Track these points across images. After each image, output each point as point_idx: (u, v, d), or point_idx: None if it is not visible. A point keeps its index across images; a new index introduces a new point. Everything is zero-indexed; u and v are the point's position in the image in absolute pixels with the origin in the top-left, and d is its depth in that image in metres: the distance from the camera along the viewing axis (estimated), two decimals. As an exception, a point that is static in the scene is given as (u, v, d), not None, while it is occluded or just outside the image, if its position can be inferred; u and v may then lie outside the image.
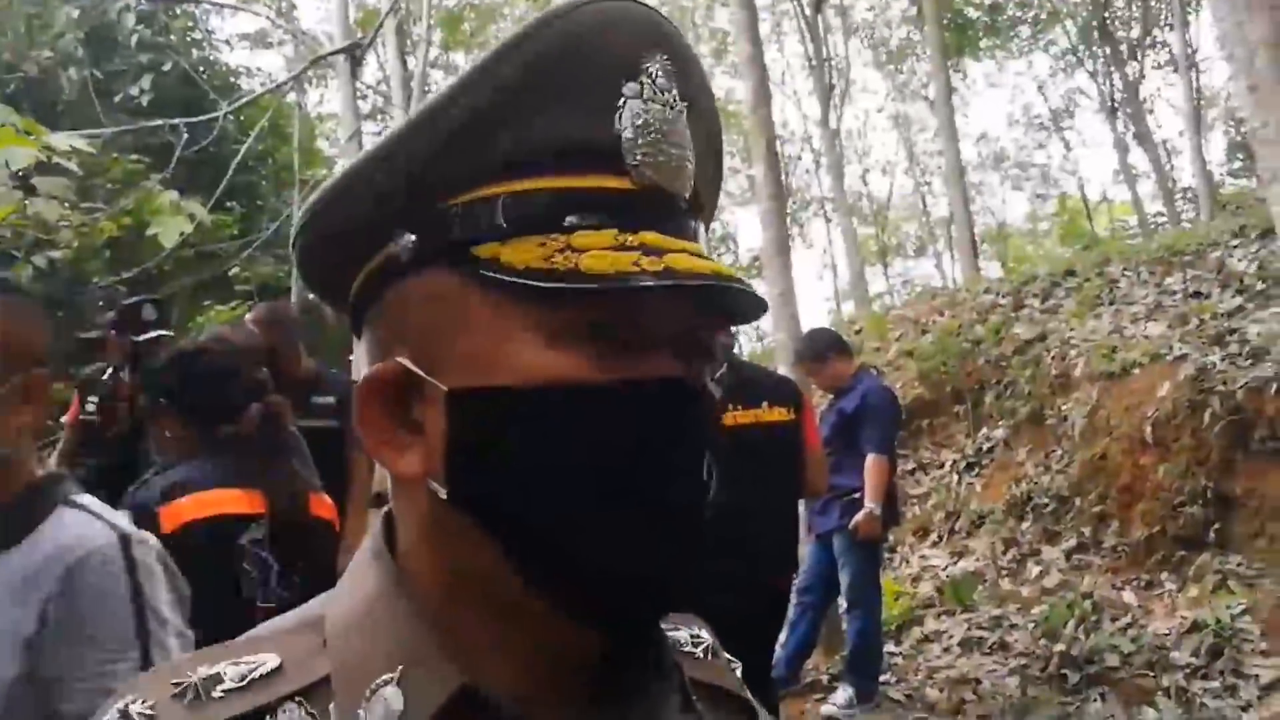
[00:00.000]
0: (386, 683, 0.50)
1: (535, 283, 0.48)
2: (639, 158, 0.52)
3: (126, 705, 0.49)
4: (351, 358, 6.12)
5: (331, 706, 0.50)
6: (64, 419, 4.20)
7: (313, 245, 0.57)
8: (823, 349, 5.00)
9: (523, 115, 0.51)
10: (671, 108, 0.54)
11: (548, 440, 0.49)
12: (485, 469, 0.50)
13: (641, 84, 0.53)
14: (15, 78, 8.31)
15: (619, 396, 0.50)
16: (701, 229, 0.58)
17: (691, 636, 0.68)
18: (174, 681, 0.50)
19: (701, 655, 0.66)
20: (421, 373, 0.52)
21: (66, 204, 5.30)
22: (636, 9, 0.54)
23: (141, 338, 3.85)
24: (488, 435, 0.50)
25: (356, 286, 0.56)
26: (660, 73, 0.54)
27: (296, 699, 0.50)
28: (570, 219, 0.50)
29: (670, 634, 0.66)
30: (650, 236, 0.51)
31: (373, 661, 0.51)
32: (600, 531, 0.50)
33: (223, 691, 0.50)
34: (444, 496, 0.51)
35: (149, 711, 0.49)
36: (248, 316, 3.95)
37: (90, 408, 3.86)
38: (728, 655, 0.70)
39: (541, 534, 0.50)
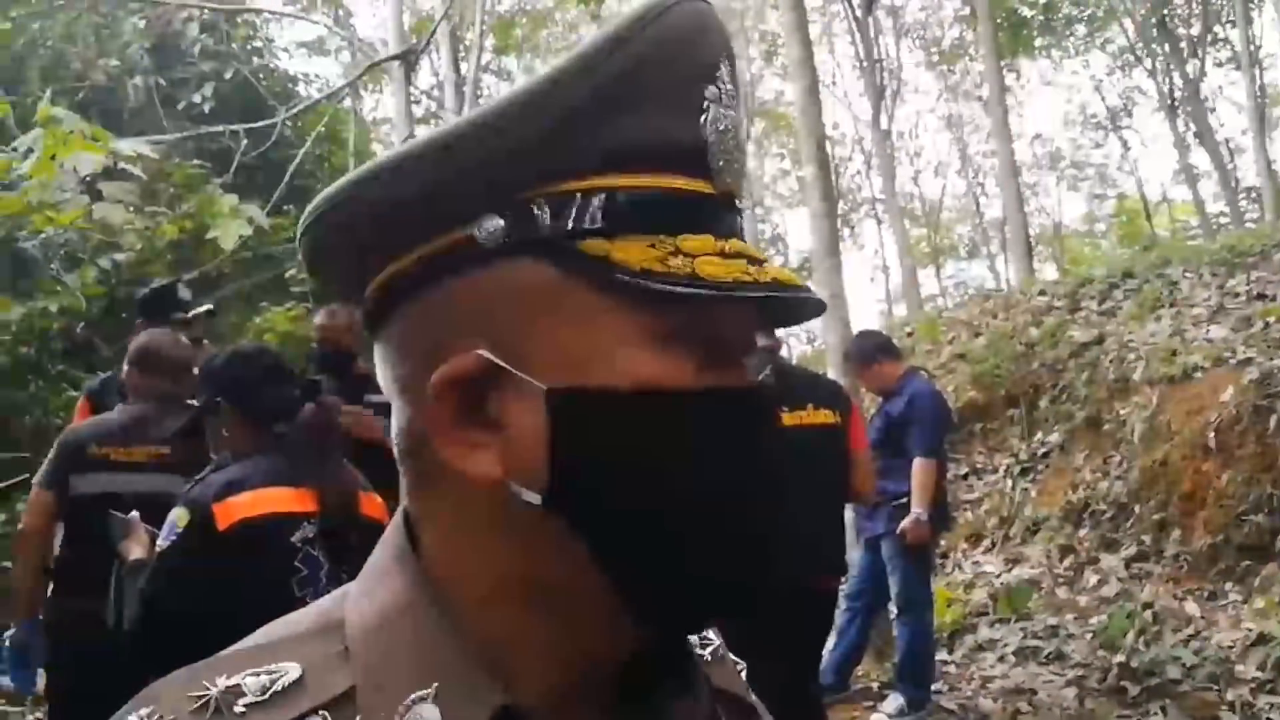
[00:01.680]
0: (421, 699, 0.48)
1: (660, 285, 0.47)
2: (721, 163, 0.53)
3: (141, 719, 0.48)
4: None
5: None
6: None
7: (348, 225, 0.53)
8: (871, 351, 4.97)
9: (624, 110, 0.50)
10: (736, 112, 0.55)
11: (660, 443, 0.49)
12: (591, 472, 0.49)
13: (719, 88, 0.53)
14: (84, 86, 8.54)
15: (725, 402, 0.51)
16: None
17: (700, 639, 0.66)
18: (193, 694, 0.48)
19: (710, 658, 0.65)
20: (510, 367, 0.49)
21: (131, 208, 5.44)
22: (713, 12, 0.54)
23: (190, 314, 3.92)
24: (597, 437, 0.49)
25: (396, 271, 0.52)
26: (728, 78, 0.54)
27: (320, 713, 0.48)
28: (673, 221, 0.50)
29: None
30: (738, 244, 0.51)
31: (402, 674, 0.49)
32: (705, 536, 0.50)
33: (245, 706, 0.47)
34: (535, 500, 0.49)
35: None
36: (317, 318, 3.97)
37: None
38: (734, 658, 0.68)
39: (643, 538, 0.49)
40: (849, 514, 4.73)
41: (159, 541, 2.03)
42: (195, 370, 3.05)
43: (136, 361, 3.20)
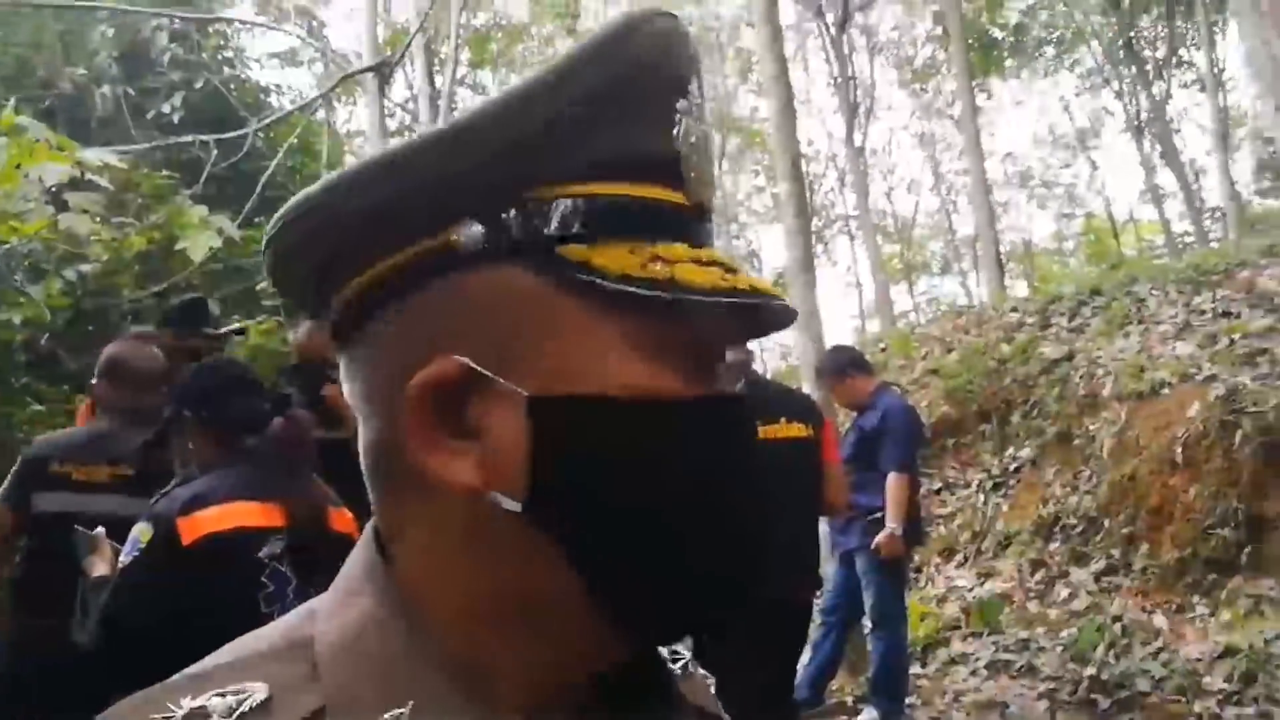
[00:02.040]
0: (395, 719, 0.46)
1: (641, 291, 0.47)
2: (693, 174, 0.53)
3: None
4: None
5: None
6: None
7: (318, 233, 0.52)
8: (843, 366, 4.99)
9: (601, 123, 0.51)
10: (704, 125, 0.55)
11: (643, 452, 0.49)
12: (573, 480, 0.48)
13: (690, 101, 0.54)
14: (50, 94, 8.44)
15: (707, 411, 0.51)
16: None
17: (670, 652, 0.65)
18: (155, 716, 0.46)
19: (680, 672, 0.64)
20: (491, 375, 0.48)
21: (97, 218, 5.37)
22: (685, 29, 0.54)
23: (221, 331, 3.80)
24: (579, 445, 0.48)
25: (369, 279, 0.51)
26: (697, 92, 0.55)
27: None
28: (650, 229, 0.50)
29: None
30: (712, 252, 0.52)
31: (373, 694, 0.47)
32: (688, 545, 0.50)
33: None
34: (514, 508, 0.48)
35: None
36: (296, 335, 3.87)
37: None
38: (703, 671, 0.67)
39: (625, 547, 0.49)
40: (823, 528, 4.74)
41: (122, 557, 1.99)
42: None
43: (105, 373, 3.08)
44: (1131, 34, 19.73)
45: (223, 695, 0.47)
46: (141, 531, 1.92)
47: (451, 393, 0.49)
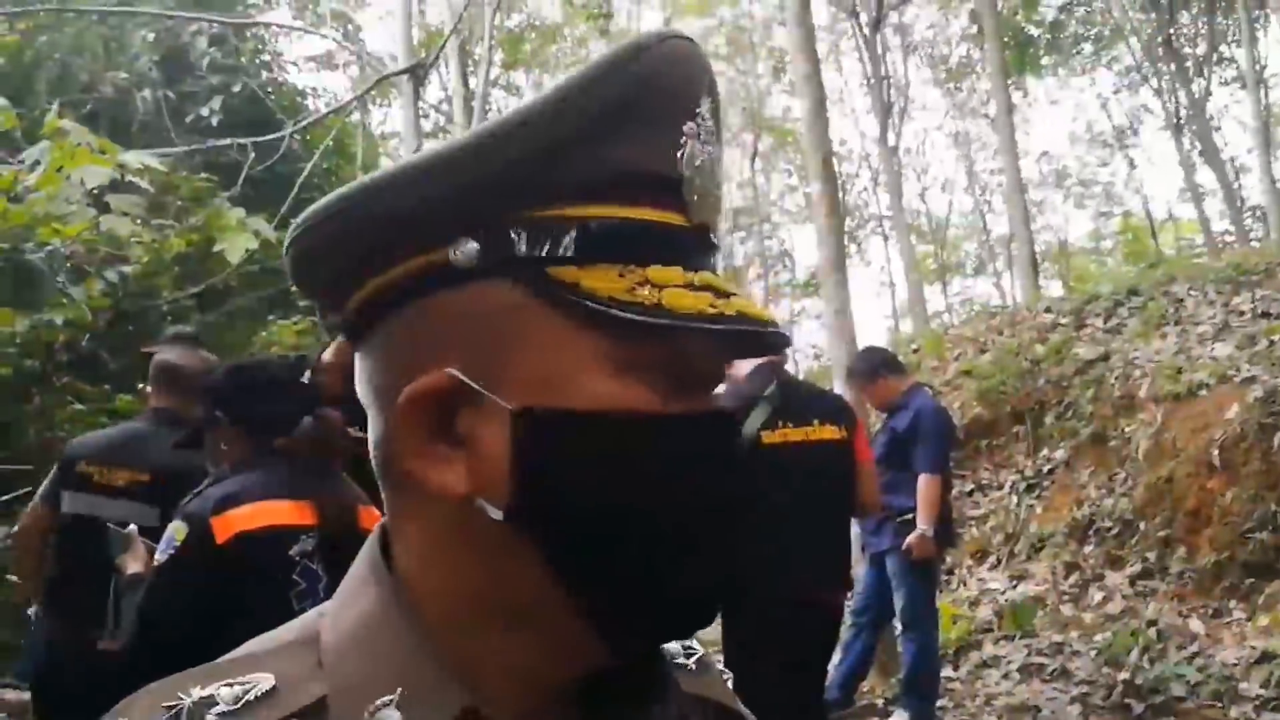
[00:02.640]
0: (385, 705, 0.49)
1: (626, 314, 0.49)
2: (696, 197, 0.54)
3: None
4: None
5: None
6: None
7: (337, 238, 0.55)
8: (875, 366, 4.98)
9: (603, 144, 0.52)
10: (715, 147, 0.56)
11: (619, 466, 0.50)
12: (552, 490, 0.50)
13: (698, 124, 0.55)
14: (92, 98, 8.58)
15: (683, 428, 0.52)
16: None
17: (684, 648, 0.67)
18: (166, 704, 0.49)
19: (694, 667, 0.66)
20: (478, 387, 0.50)
21: (138, 220, 5.46)
22: (697, 51, 0.55)
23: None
24: (558, 457, 0.50)
25: (378, 287, 0.54)
26: (709, 114, 0.56)
27: None
28: (644, 252, 0.52)
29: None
30: (708, 276, 0.53)
31: (371, 683, 0.50)
32: (663, 555, 0.52)
33: (216, 715, 0.48)
34: (498, 515, 0.50)
35: None
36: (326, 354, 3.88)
37: None
38: (720, 667, 0.69)
39: (601, 556, 0.51)
40: (854, 530, 4.72)
41: (157, 556, 2.03)
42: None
43: (152, 378, 3.15)
44: (1171, 30, 19.41)
45: (230, 685, 0.50)
46: (176, 530, 1.96)
47: (443, 402, 0.51)
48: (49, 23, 8.77)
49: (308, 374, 2.26)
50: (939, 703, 4.93)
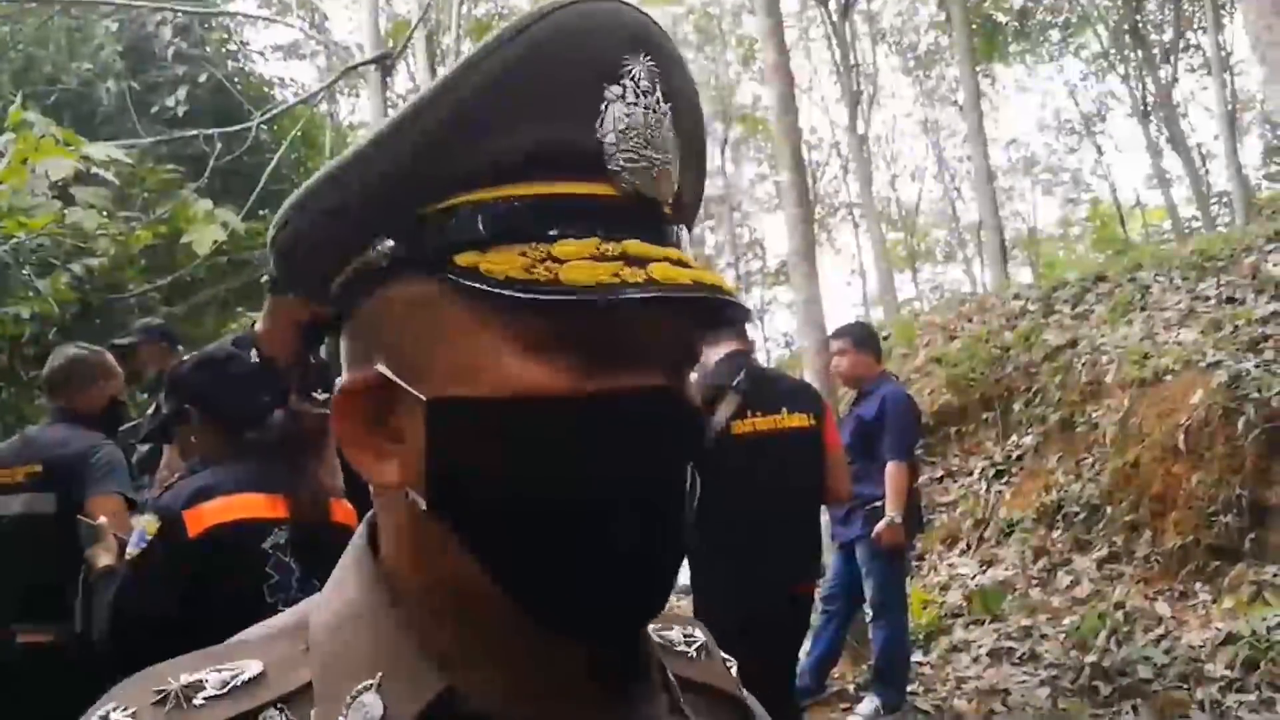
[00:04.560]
0: (366, 689, 0.49)
1: (514, 293, 0.47)
2: (622, 163, 0.52)
3: (108, 713, 0.49)
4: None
5: (313, 713, 0.50)
6: None
7: (292, 246, 0.56)
8: (866, 338, 5.07)
9: (502, 121, 0.50)
10: (654, 110, 0.53)
11: (527, 451, 0.49)
12: (464, 479, 0.50)
13: (624, 86, 0.52)
14: (56, 90, 8.46)
15: (598, 407, 0.50)
16: (685, 234, 0.57)
17: (684, 635, 0.67)
18: (155, 689, 0.50)
19: (695, 655, 0.66)
20: (400, 381, 0.51)
21: (104, 213, 5.40)
22: (615, 9, 0.52)
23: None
24: (467, 445, 0.50)
25: (335, 291, 0.56)
26: (644, 75, 0.53)
27: (278, 706, 0.50)
28: (553, 228, 0.50)
29: (661, 634, 0.66)
30: (633, 245, 0.50)
31: (354, 667, 0.51)
32: (580, 542, 0.50)
33: (204, 699, 0.49)
34: (423, 506, 0.51)
35: None
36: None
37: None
38: (724, 655, 0.69)
39: (520, 546, 0.50)
40: (823, 518, 4.76)
41: (128, 549, 2.02)
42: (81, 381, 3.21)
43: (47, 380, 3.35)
44: (1138, 17, 19.62)
45: (218, 671, 0.51)
46: (148, 524, 1.95)
47: (376, 397, 0.52)
48: (10, 14, 8.62)
49: (253, 351, 2.25)
50: (909, 687, 4.98)
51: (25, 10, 8.55)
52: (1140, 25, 19.78)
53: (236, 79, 10.19)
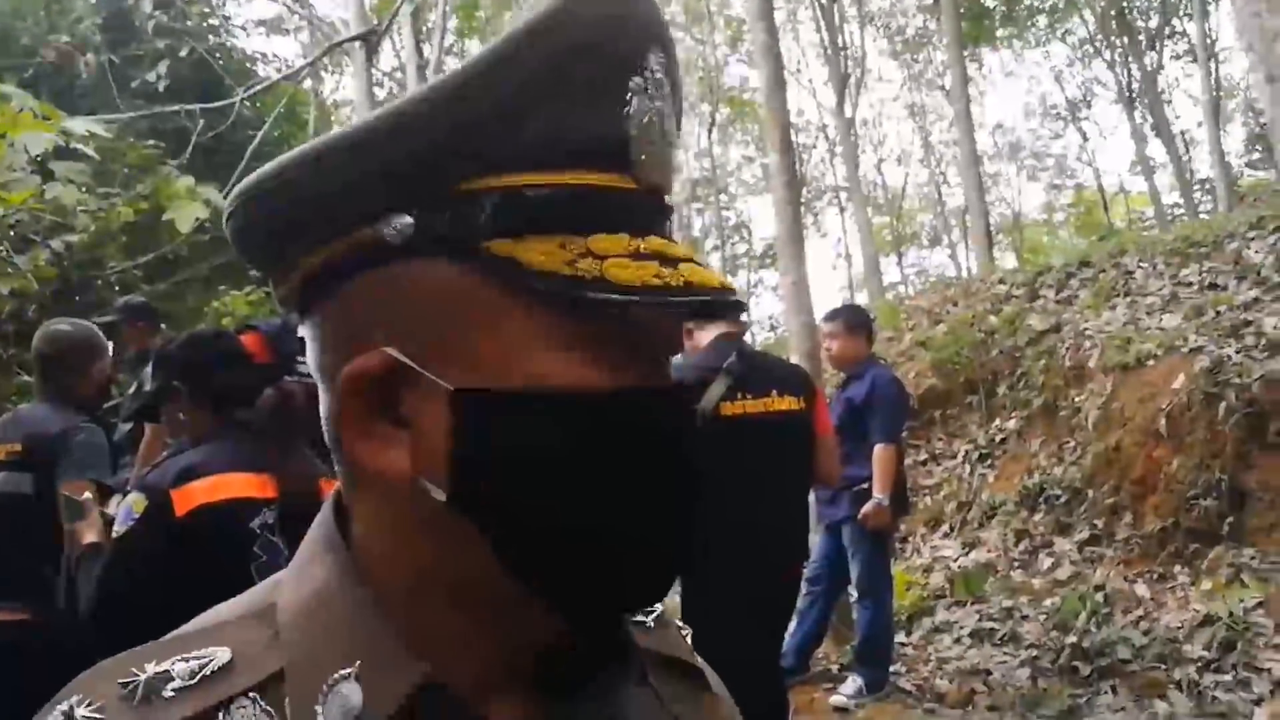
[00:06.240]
0: (344, 678, 0.48)
1: (566, 290, 0.47)
2: (644, 156, 0.52)
3: (71, 707, 0.47)
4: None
5: (286, 702, 0.48)
6: None
7: (263, 215, 0.53)
8: (862, 322, 5.08)
9: (539, 107, 0.49)
10: (666, 103, 0.53)
11: (559, 444, 0.48)
12: (493, 475, 0.49)
13: (645, 79, 0.52)
14: (34, 63, 8.34)
15: (633, 404, 0.50)
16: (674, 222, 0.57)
17: None
18: (121, 680, 0.48)
19: (652, 624, 0.65)
20: (418, 367, 0.49)
21: (83, 188, 5.33)
22: (638, 2, 0.52)
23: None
24: (498, 440, 0.48)
25: (314, 264, 0.52)
26: (659, 68, 0.53)
27: (250, 695, 0.48)
28: (585, 220, 0.49)
29: None
30: (656, 242, 0.51)
31: (329, 655, 0.49)
32: (608, 535, 0.50)
33: (173, 690, 0.48)
34: (441, 497, 0.49)
35: (96, 715, 0.47)
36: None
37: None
38: (678, 622, 0.68)
39: (548, 539, 0.49)
40: (810, 499, 4.77)
41: (115, 527, 2.01)
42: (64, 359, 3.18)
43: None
44: (1124, 4, 19.65)
45: (186, 660, 0.49)
46: (135, 502, 1.94)
47: (383, 382, 0.50)
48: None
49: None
50: (892, 667, 5.02)
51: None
52: (1127, 11, 19.83)
53: (218, 54, 10.10)
